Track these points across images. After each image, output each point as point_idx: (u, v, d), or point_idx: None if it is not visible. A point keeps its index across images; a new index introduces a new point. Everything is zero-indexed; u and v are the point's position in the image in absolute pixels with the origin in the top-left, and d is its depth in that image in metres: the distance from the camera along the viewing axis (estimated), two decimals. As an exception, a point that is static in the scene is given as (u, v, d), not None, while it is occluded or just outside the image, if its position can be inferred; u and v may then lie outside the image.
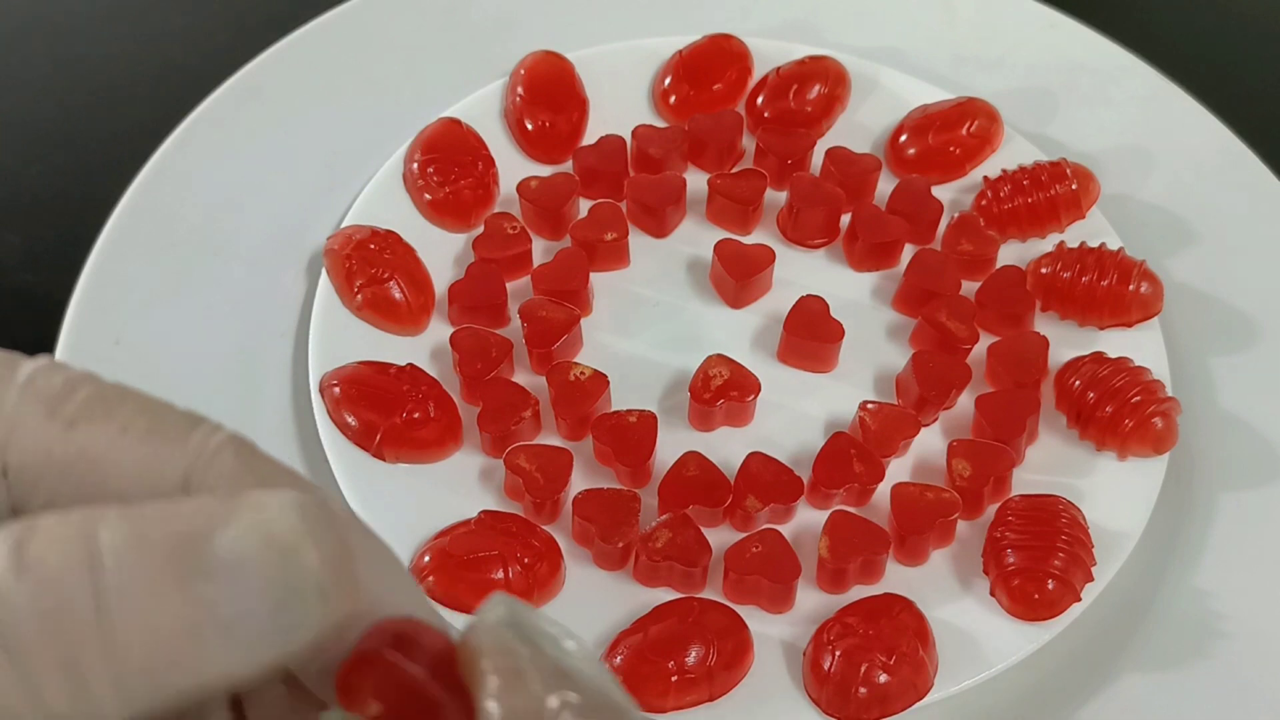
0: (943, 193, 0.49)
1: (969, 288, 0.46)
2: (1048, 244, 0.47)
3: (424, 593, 0.18)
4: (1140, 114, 0.52)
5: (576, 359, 0.44)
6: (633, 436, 0.41)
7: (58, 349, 0.43)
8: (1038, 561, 0.38)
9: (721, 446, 0.42)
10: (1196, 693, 0.39)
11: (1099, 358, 0.43)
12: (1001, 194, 0.47)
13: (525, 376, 0.44)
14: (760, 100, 0.50)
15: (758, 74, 0.51)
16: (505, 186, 0.48)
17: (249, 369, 0.44)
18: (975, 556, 0.40)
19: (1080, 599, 0.38)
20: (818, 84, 0.50)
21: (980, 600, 0.39)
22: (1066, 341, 0.45)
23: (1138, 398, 0.41)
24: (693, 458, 0.41)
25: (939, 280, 0.45)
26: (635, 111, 0.51)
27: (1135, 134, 0.51)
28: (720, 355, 0.43)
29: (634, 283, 0.47)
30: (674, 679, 0.36)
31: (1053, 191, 0.47)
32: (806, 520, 0.41)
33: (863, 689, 0.36)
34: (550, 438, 0.43)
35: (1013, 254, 0.47)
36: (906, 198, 0.48)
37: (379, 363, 0.43)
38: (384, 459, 0.41)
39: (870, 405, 0.42)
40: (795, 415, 0.43)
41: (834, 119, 0.51)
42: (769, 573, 0.38)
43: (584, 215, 0.47)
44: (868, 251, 0.47)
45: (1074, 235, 0.47)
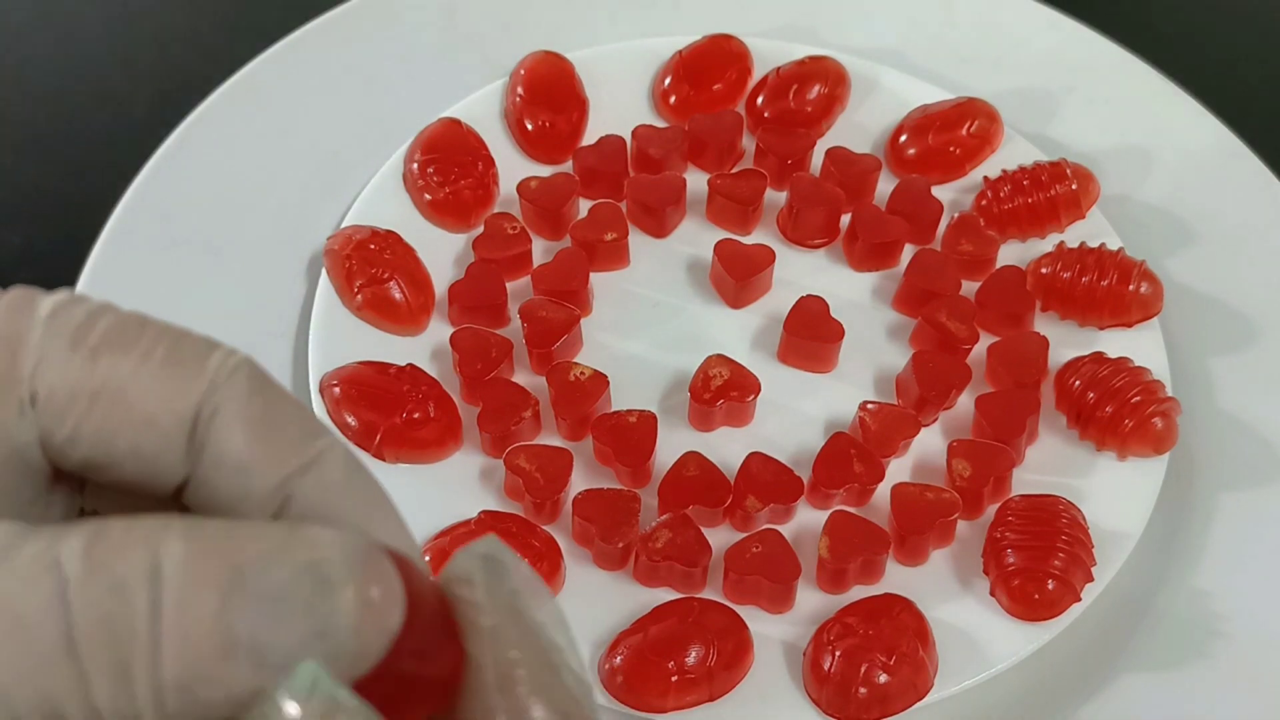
0: (943, 193, 0.49)
1: (969, 288, 0.46)
2: (1048, 244, 0.47)
3: (412, 534, 0.18)
4: (1140, 114, 0.52)
5: (576, 359, 0.44)
6: (633, 436, 0.41)
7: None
8: (1038, 562, 0.38)
9: (721, 447, 0.42)
10: (1196, 693, 0.39)
11: (1099, 358, 0.43)
12: (1001, 194, 0.47)
13: (525, 376, 0.44)
14: (760, 100, 0.50)
15: (758, 74, 0.51)
16: (505, 187, 0.48)
17: (249, 369, 0.44)
18: (975, 556, 0.40)
19: (1080, 599, 0.38)
20: (818, 84, 0.50)
21: (980, 600, 0.39)
22: (1066, 341, 0.44)
23: (1138, 398, 0.41)
24: (693, 458, 0.41)
25: (939, 280, 0.45)
26: (635, 111, 0.51)
27: (1135, 134, 0.51)
28: (720, 355, 0.43)
29: (634, 283, 0.47)
30: (674, 679, 0.36)
31: (1053, 192, 0.47)
32: (806, 520, 0.41)
33: (863, 689, 0.36)
34: (550, 438, 0.43)
35: (1013, 254, 0.47)
36: (906, 198, 0.48)
37: (379, 363, 0.43)
38: (384, 459, 0.41)
39: (870, 405, 0.42)
40: (795, 415, 0.43)
41: (834, 119, 0.51)
42: (769, 573, 0.38)
43: (584, 215, 0.47)
44: (868, 251, 0.47)
45: (1074, 235, 0.47)
